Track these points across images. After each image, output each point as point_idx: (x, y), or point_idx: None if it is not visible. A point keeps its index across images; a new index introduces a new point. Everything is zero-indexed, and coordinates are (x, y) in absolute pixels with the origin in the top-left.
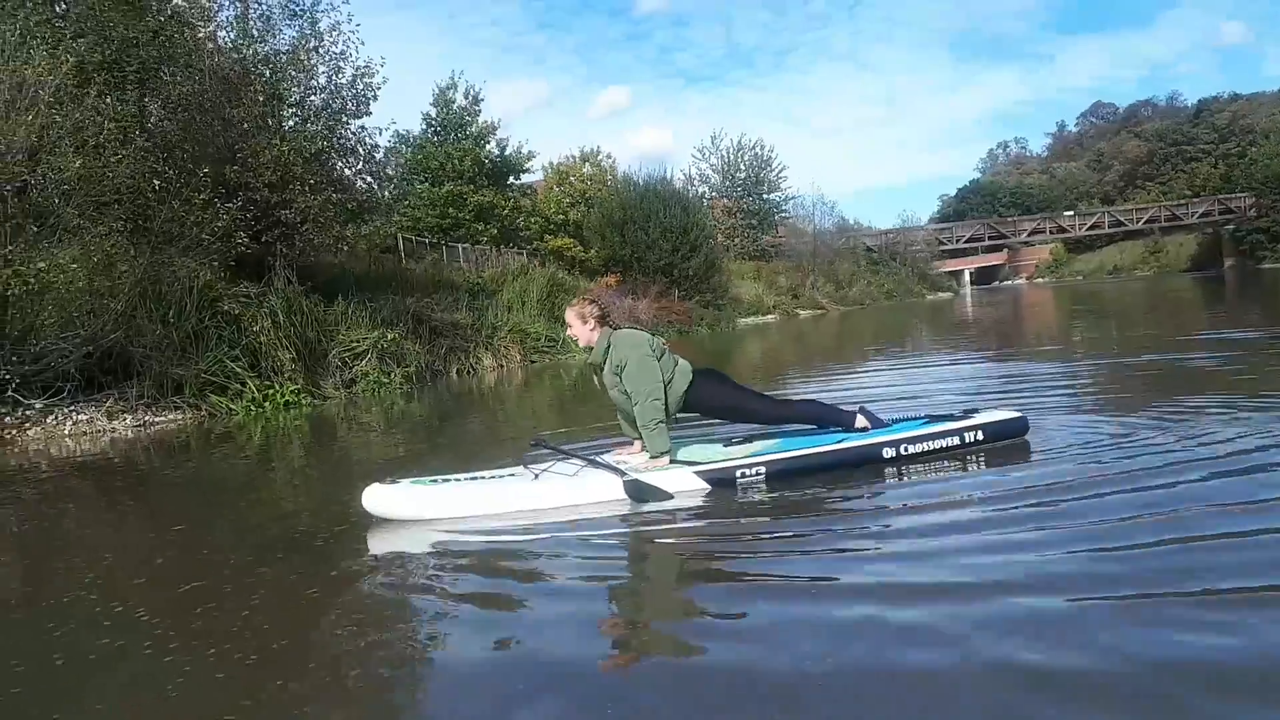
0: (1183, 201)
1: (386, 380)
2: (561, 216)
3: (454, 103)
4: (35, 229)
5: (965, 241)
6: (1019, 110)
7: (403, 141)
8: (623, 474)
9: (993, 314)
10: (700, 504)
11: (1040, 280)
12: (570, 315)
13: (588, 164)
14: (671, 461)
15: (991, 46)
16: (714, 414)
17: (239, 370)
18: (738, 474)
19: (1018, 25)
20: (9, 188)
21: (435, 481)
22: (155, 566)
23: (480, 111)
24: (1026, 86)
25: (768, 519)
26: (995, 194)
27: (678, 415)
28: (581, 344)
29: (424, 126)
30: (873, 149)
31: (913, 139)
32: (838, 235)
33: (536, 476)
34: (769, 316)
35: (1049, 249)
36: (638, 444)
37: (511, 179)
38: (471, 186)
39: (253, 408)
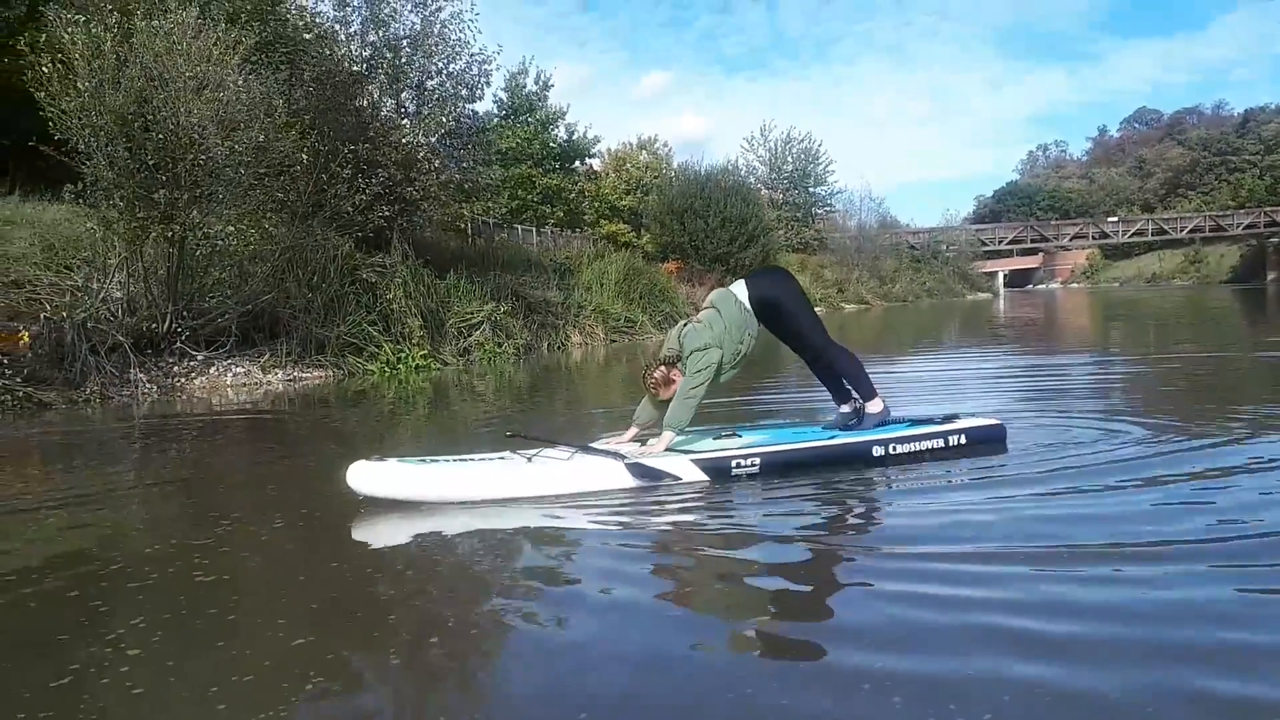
0: (1227, 212)
1: (499, 350)
2: (621, 202)
3: (524, 87)
4: (222, 195)
5: (1008, 243)
6: (1064, 111)
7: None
8: (622, 457)
9: (1032, 316)
10: (700, 493)
11: (1075, 285)
12: (664, 394)
13: (644, 151)
14: (667, 450)
15: (1040, 45)
16: (769, 310)
17: (375, 334)
18: (733, 464)
19: (1068, 24)
20: (204, 158)
21: (424, 461)
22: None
23: (549, 96)
24: (1072, 87)
25: (771, 512)
26: (1033, 197)
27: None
28: None
29: (494, 110)
30: (913, 145)
31: (955, 136)
32: (880, 232)
33: (530, 460)
34: (815, 309)
35: (1086, 254)
36: (631, 431)
37: (577, 163)
38: (539, 170)
39: (387, 369)
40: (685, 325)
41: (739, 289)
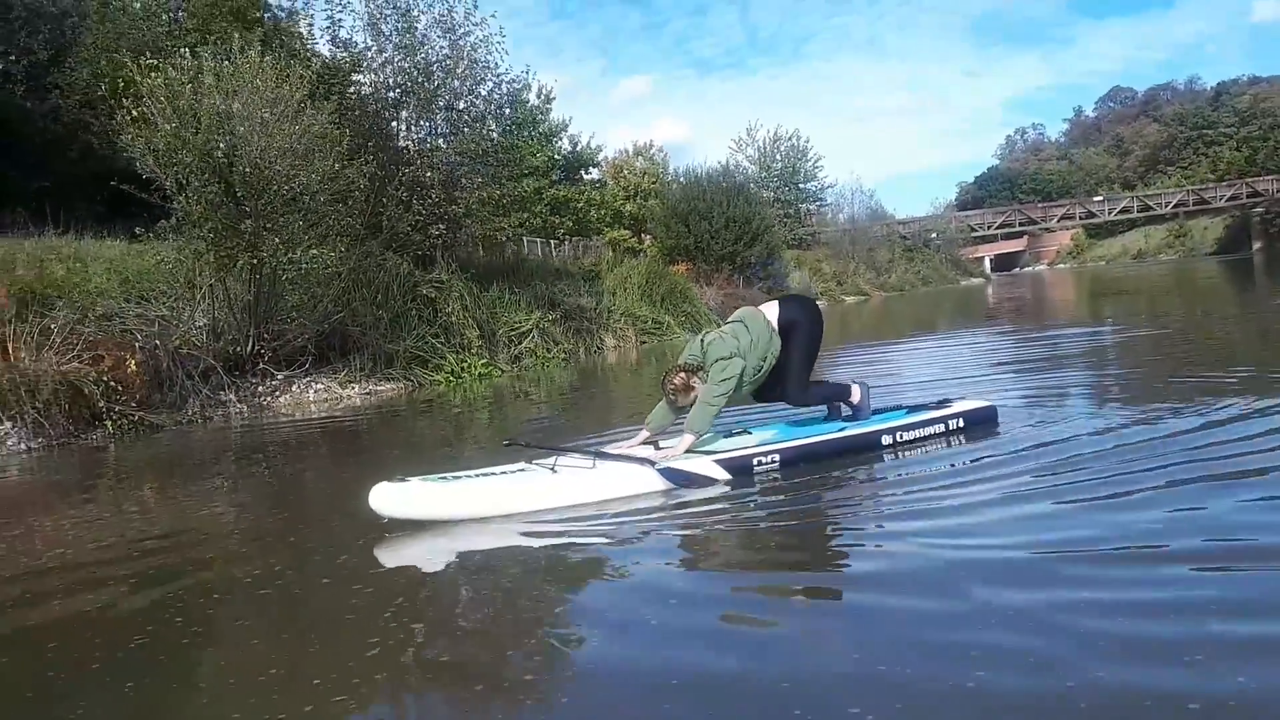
0: (1209, 185)
1: (549, 357)
2: (624, 209)
3: (527, 101)
4: (301, 223)
5: (996, 227)
6: (1040, 95)
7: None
8: (652, 463)
9: (1024, 298)
10: (728, 493)
11: (1062, 266)
12: (682, 400)
13: (640, 158)
14: (687, 451)
15: (1013, 31)
16: (785, 333)
17: (439, 346)
18: (754, 462)
19: (1040, 8)
20: (288, 189)
21: (445, 479)
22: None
23: (551, 110)
24: (1047, 71)
25: (804, 506)
26: (1014, 181)
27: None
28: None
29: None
30: (893, 137)
31: (934, 127)
32: (872, 223)
33: (554, 471)
34: (817, 302)
35: (1070, 235)
36: (643, 434)
37: (581, 173)
38: (546, 181)
39: (452, 378)
40: (709, 334)
41: (770, 309)
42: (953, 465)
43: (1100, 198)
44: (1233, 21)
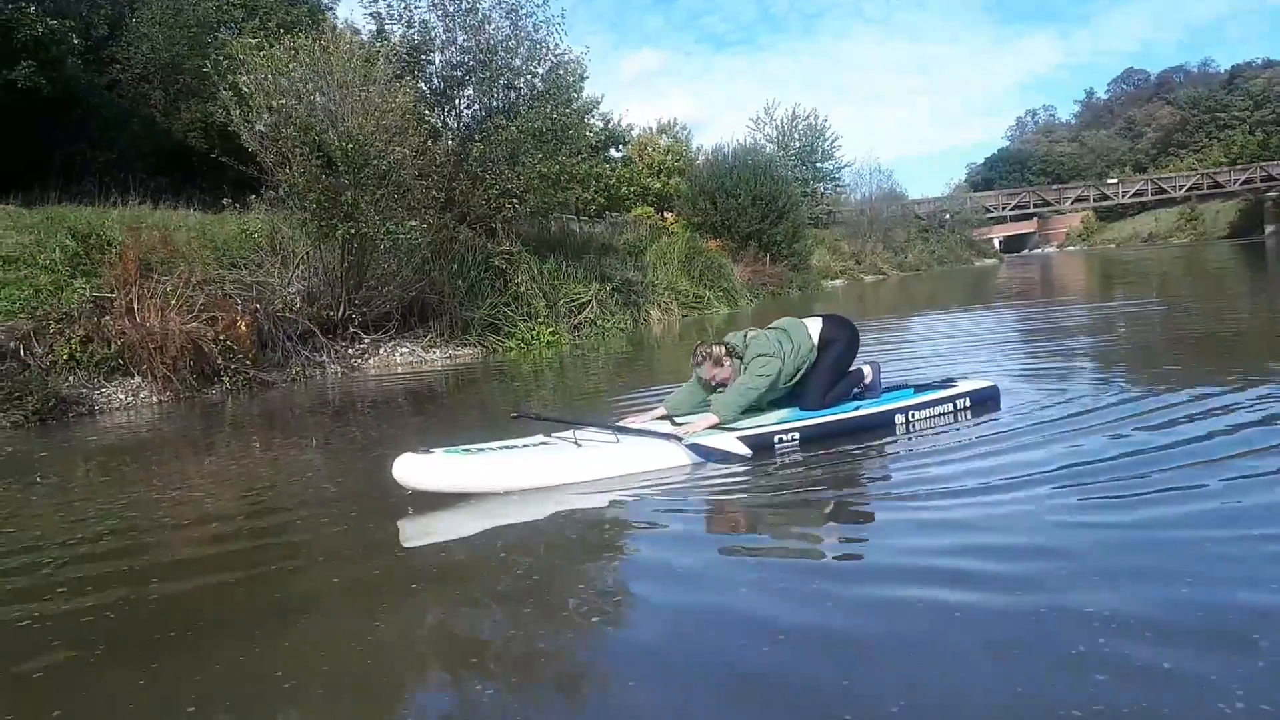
0: (1223, 168)
1: (607, 327)
2: (651, 186)
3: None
4: (394, 195)
5: (1011, 208)
6: (1054, 76)
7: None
8: (678, 439)
9: (1039, 279)
10: (751, 468)
11: (1071, 248)
12: (707, 371)
13: (664, 135)
14: (710, 429)
15: (1028, 9)
16: (821, 349)
17: (510, 315)
18: (775, 440)
19: None
20: (386, 163)
21: (469, 451)
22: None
23: (584, 88)
24: (1062, 51)
25: (833, 485)
26: (1024, 162)
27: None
28: (721, 380)
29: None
30: (905, 116)
31: (946, 107)
32: (887, 203)
33: (579, 445)
34: (837, 281)
35: (1080, 217)
36: (658, 411)
37: (612, 150)
38: (579, 157)
39: (523, 345)
40: (753, 331)
41: (814, 324)
42: (963, 442)
43: (1114, 180)
44: (1251, 2)
